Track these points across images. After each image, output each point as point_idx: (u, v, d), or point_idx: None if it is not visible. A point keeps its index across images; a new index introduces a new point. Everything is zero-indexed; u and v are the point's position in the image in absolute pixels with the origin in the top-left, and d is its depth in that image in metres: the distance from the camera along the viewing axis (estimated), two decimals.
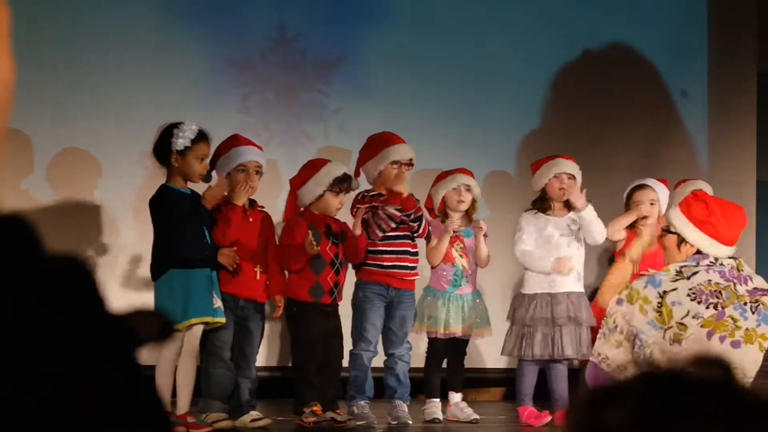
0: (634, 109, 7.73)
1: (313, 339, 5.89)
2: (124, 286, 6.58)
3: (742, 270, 4.52)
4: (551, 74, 7.60)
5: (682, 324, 4.30)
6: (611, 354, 4.43)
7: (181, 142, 5.63)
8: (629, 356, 4.36)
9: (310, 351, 5.88)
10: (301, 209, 6.01)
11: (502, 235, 6.87)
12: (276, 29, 7.08)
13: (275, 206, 6.54)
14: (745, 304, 4.34)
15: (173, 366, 5.54)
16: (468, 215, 6.35)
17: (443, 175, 6.36)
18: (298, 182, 6.04)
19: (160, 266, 5.57)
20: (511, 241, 6.45)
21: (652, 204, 6.49)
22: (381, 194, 6.12)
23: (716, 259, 4.50)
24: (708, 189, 6.63)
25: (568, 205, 6.34)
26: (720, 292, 4.37)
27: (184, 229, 5.58)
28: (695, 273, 4.42)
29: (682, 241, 4.63)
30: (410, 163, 6.16)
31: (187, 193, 5.71)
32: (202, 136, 5.69)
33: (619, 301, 4.43)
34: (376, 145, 6.17)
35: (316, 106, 7.13)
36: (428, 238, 6.25)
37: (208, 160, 5.75)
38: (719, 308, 4.32)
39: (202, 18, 6.91)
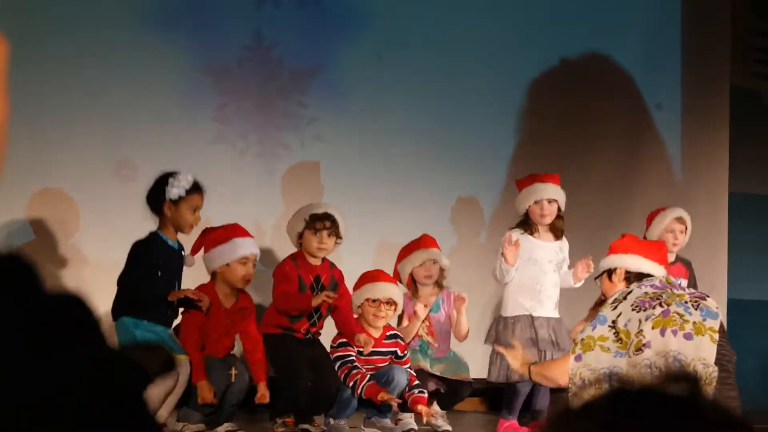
0: (609, 122, 7.77)
1: (295, 356, 5.85)
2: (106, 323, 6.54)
3: (672, 282, 4.73)
4: (527, 86, 7.63)
5: (640, 332, 4.44)
6: None
7: (175, 191, 5.58)
8: None
9: (294, 368, 5.84)
10: (295, 253, 5.99)
11: (478, 257, 6.90)
12: (253, 38, 7.08)
13: (253, 220, 6.55)
14: (686, 302, 4.49)
15: (165, 395, 5.48)
16: (437, 284, 6.38)
17: (408, 250, 6.35)
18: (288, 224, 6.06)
19: (119, 310, 5.48)
20: (484, 264, 6.48)
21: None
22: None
23: (642, 278, 4.73)
24: (686, 216, 6.65)
25: (553, 229, 6.38)
26: (660, 295, 4.53)
27: (157, 287, 5.48)
28: (630, 292, 4.59)
29: (610, 273, 4.96)
30: (390, 302, 6.06)
31: (174, 248, 5.64)
32: (196, 188, 5.64)
33: (578, 357, 4.53)
34: (360, 280, 6.12)
35: (293, 115, 7.13)
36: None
37: (200, 212, 5.67)
38: (664, 306, 4.46)
39: (179, 26, 6.89)
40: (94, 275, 6.54)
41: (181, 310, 5.68)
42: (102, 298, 6.40)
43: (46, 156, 6.61)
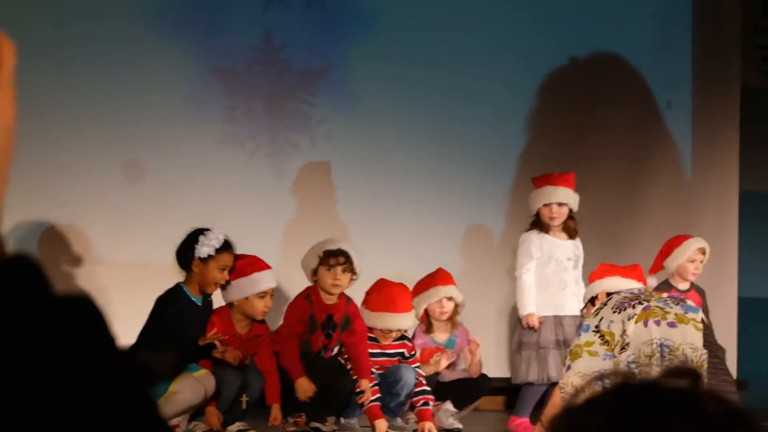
0: (619, 122, 7.76)
1: (305, 363, 5.86)
2: None
3: (650, 291, 4.89)
4: (538, 85, 7.62)
5: (624, 332, 4.54)
6: None
7: (205, 249, 5.55)
8: None
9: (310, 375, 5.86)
10: (310, 288, 5.97)
11: (492, 255, 6.89)
12: (261, 39, 7.09)
13: (263, 221, 6.55)
14: (666, 299, 4.63)
15: (191, 406, 5.48)
16: (452, 320, 6.39)
17: (424, 287, 6.35)
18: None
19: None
20: (499, 261, 6.48)
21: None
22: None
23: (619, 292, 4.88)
24: (707, 246, 6.67)
25: (566, 229, 6.40)
26: (638, 296, 4.66)
27: (176, 343, 5.43)
28: (609, 300, 4.73)
29: (593, 301, 5.18)
30: (400, 330, 6.09)
31: (198, 305, 5.61)
32: (226, 246, 5.60)
33: (568, 368, 4.64)
34: (377, 299, 6.07)
35: (303, 116, 7.14)
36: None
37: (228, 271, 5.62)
38: (644, 303, 4.58)
39: (187, 28, 6.90)
40: (103, 275, 6.57)
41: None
42: (110, 298, 6.42)
43: (54, 157, 6.63)
